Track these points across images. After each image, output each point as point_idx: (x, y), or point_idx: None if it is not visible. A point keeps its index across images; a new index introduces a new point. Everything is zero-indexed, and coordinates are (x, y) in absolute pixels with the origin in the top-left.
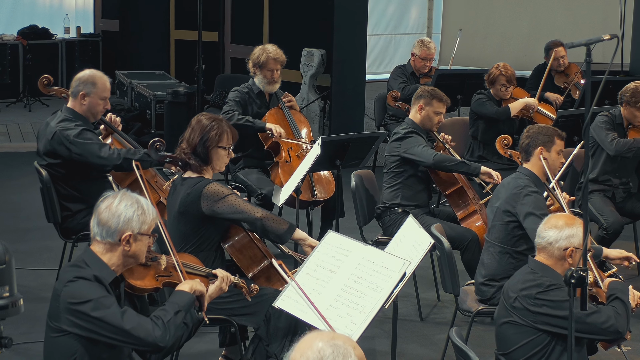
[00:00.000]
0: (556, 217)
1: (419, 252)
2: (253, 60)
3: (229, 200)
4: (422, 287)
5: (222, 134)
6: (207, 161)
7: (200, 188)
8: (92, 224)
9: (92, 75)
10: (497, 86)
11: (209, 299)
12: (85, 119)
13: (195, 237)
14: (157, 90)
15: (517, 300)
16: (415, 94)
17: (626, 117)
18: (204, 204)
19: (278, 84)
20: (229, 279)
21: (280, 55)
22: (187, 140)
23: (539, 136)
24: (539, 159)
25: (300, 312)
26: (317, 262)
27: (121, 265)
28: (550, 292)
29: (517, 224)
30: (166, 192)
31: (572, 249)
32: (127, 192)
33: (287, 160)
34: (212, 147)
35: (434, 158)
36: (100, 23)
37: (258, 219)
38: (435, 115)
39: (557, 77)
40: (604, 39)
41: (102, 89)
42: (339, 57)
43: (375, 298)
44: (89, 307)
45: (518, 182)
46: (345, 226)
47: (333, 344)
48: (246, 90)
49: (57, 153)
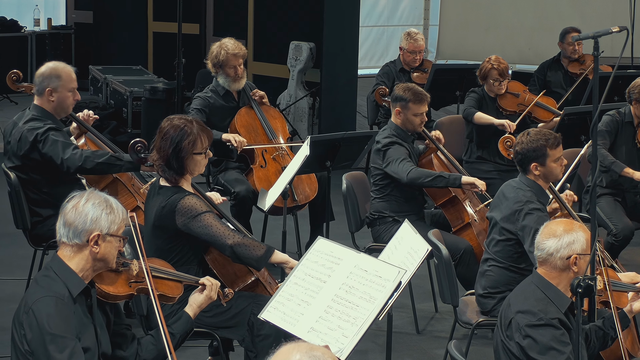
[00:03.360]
0: (553, 224)
1: (415, 260)
2: (212, 60)
3: (203, 220)
4: (419, 298)
5: (196, 141)
6: (182, 172)
7: (174, 202)
8: (58, 225)
9: (55, 68)
10: (490, 81)
11: (199, 309)
12: (54, 118)
13: (172, 252)
14: (134, 86)
15: (511, 324)
16: (392, 95)
17: (636, 115)
18: (178, 220)
19: (244, 79)
20: (217, 286)
21: (240, 49)
22: (157, 150)
23: (529, 153)
24: (535, 175)
25: (288, 324)
26: (306, 270)
27: (90, 270)
28: (539, 330)
29: (517, 241)
30: (144, 195)
31: (576, 256)
32: (94, 191)
33: (262, 165)
34: (187, 157)
35: (408, 176)
36: (73, 14)
37: (228, 246)
38: (415, 118)
39: (572, 65)
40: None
41: (68, 80)
42: (329, 50)
43: (368, 309)
44: (47, 340)
45: (519, 195)
46: (336, 232)
47: (312, 355)
48: (210, 94)
49: (26, 155)
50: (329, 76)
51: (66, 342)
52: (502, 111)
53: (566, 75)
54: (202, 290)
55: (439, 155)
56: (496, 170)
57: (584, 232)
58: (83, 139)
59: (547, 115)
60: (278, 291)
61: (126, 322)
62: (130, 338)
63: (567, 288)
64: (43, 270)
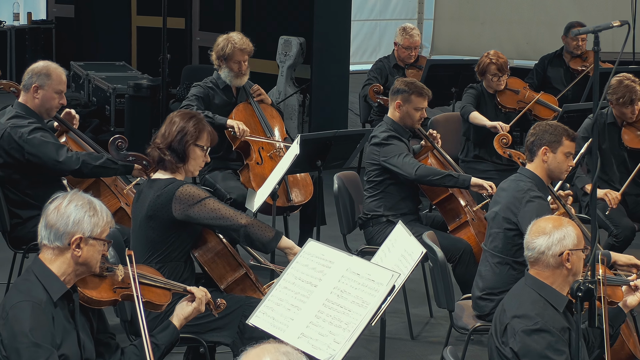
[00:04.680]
0: (541, 221)
1: (409, 262)
2: (217, 52)
3: (208, 205)
4: (413, 302)
5: (202, 131)
6: (183, 158)
7: (172, 190)
8: (39, 227)
9: (47, 66)
10: (489, 76)
11: (185, 320)
12: (39, 116)
13: (164, 245)
14: (117, 83)
15: (506, 330)
16: (391, 88)
17: (618, 115)
18: (175, 208)
19: (246, 76)
20: (208, 297)
21: (247, 44)
22: (162, 135)
23: (545, 135)
24: (542, 160)
25: (277, 330)
26: (296, 274)
27: (72, 274)
28: (534, 336)
29: (518, 232)
30: (127, 197)
31: (568, 252)
32: (78, 192)
33: (259, 162)
34: (190, 144)
35: (417, 172)
36: (54, 9)
37: (242, 225)
38: (415, 112)
39: (574, 61)
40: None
41: (58, 81)
42: (320, 45)
43: (360, 314)
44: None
45: (519, 185)
46: (327, 234)
47: (282, 352)
48: (210, 85)
49: (7, 154)
50: (320, 72)
51: (39, 351)
52: (502, 108)
53: (567, 71)
54: (190, 300)
55: (435, 155)
56: (494, 170)
57: (573, 227)
58: (64, 137)
59: (548, 113)
60: (267, 295)
61: (110, 331)
62: (114, 348)
63: (562, 286)
64: (24, 274)
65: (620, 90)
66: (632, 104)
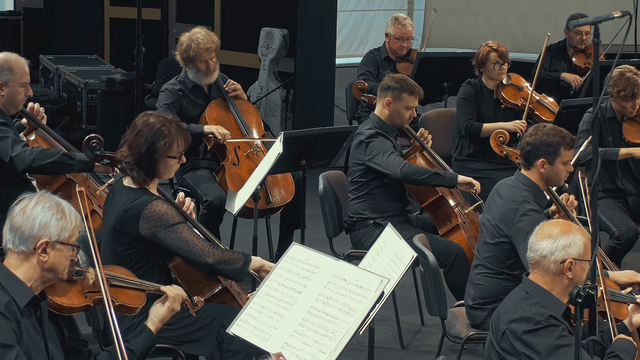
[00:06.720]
0: (550, 224)
1: (399, 267)
2: (181, 54)
3: (179, 232)
4: (403, 309)
5: (172, 143)
6: (152, 174)
7: (140, 207)
8: (4, 230)
9: (7, 60)
10: (489, 65)
11: (160, 323)
12: (2, 113)
13: (132, 259)
14: (89, 77)
15: (504, 335)
16: (381, 84)
17: (618, 110)
18: (142, 225)
19: (216, 72)
20: (181, 296)
21: (212, 42)
22: (129, 146)
23: (542, 146)
24: (539, 172)
25: (260, 339)
26: (280, 280)
27: (39, 281)
28: (538, 333)
29: (511, 245)
30: (100, 198)
31: (571, 261)
32: (45, 193)
33: (235, 163)
34: (160, 159)
35: (402, 171)
36: None
37: (208, 264)
38: (406, 111)
39: (577, 56)
40: (615, 17)
41: (21, 74)
42: (304, 37)
43: (347, 322)
44: None
45: (515, 194)
46: (312, 237)
47: None
48: (178, 87)
49: None
50: (304, 66)
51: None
52: (503, 102)
53: (570, 66)
54: (164, 301)
55: (425, 155)
56: (489, 169)
57: (582, 236)
58: (33, 135)
59: (550, 116)
60: (248, 303)
61: (82, 338)
62: (86, 355)
63: (562, 295)
64: None
65: (622, 83)
66: (634, 97)
